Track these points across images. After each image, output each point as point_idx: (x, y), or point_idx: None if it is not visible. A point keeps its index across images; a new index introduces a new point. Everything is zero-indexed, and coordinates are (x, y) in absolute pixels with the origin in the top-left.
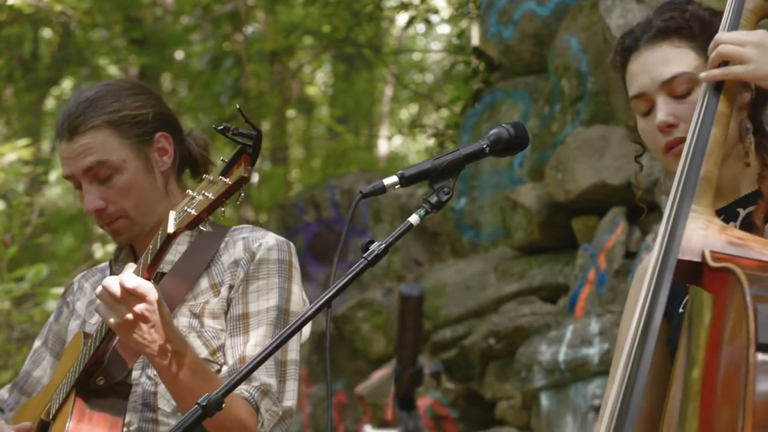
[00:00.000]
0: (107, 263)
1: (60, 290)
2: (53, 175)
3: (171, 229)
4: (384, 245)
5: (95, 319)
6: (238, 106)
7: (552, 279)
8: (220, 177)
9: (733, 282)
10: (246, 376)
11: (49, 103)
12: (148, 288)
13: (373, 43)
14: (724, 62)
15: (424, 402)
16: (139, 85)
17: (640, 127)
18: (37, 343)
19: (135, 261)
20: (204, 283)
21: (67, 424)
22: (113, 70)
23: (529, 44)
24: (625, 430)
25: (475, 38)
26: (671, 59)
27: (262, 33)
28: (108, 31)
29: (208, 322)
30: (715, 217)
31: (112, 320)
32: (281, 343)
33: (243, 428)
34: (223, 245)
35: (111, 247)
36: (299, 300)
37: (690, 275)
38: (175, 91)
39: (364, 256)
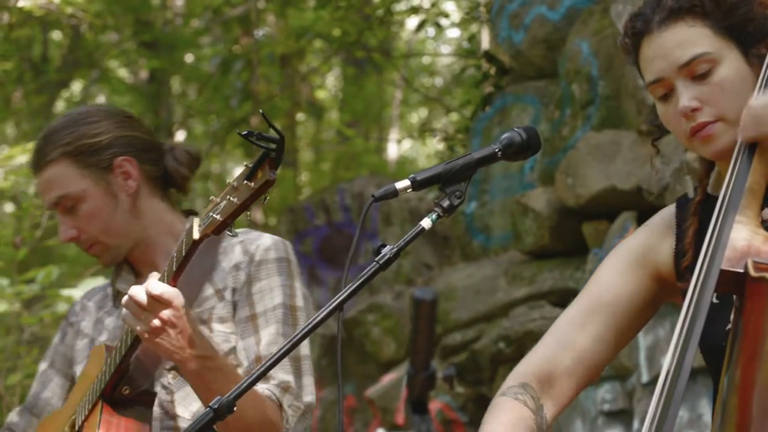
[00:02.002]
0: (108, 282)
1: (70, 292)
2: None
3: (197, 235)
4: (396, 249)
5: (104, 336)
6: (261, 111)
7: (562, 283)
8: (245, 181)
9: (762, 291)
10: (258, 378)
11: (59, 106)
12: (174, 294)
13: (383, 47)
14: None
15: (434, 406)
16: (102, 110)
17: (661, 112)
18: (43, 366)
19: (137, 276)
20: (208, 290)
21: None
22: (123, 72)
23: (539, 48)
24: None
25: (485, 42)
26: (687, 40)
27: (272, 36)
28: (118, 34)
29: (217, 326)
30: (760, 227)
31: (139, 328)
32: (293, 347)
33: (271, 426)
34: (221, 251)
35: None
36: (302, 295)
37: (733, 286)
38: (185, 94)
39: (376, 259)
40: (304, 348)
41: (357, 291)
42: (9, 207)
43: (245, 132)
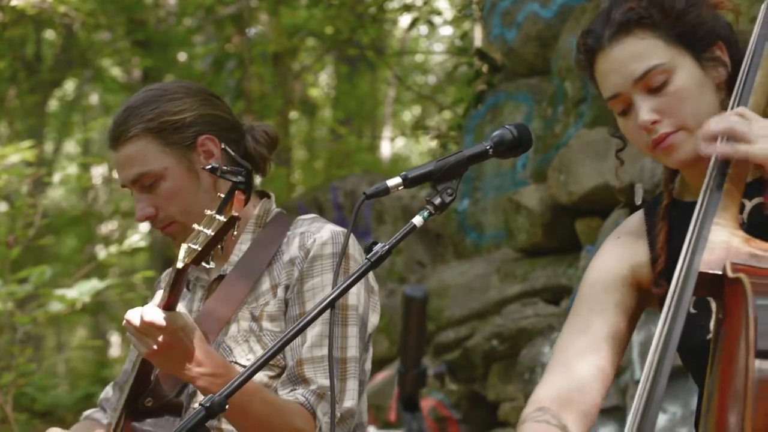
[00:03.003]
0: None
1: (62, 291)
2: (56, 177)
3: (180, 264)
4: (387, 247)
5: None
6: (223, 146)
7: (555, 281)
8: (215, 215)
9: (742, 291)
10: (248, 378)
11: (52, 105)
12: (167, 319)
13: (375, 45)
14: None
15: (427, 403)
16: (185, 87)
17: (622, 126)
18: (133, 354)
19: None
20: (265, 283)
21: None
22: (116, 71)
23: (532, 46)
24: None
25: (478, 40)
26: (640, 53)
27: (265, 35)
28: (111, 33)
29: (266, 325)
30: (739, 229)
31: (142, 350)
32: (281, 348)
33: None
34: (285, 240)
35: (114, 249)
36: (358, 291)
37: (712, 289)
38: None
39: (368, 257)
40: (353, 349)
41: (348, 289)
42: (2, 206)
43: (209, 166)
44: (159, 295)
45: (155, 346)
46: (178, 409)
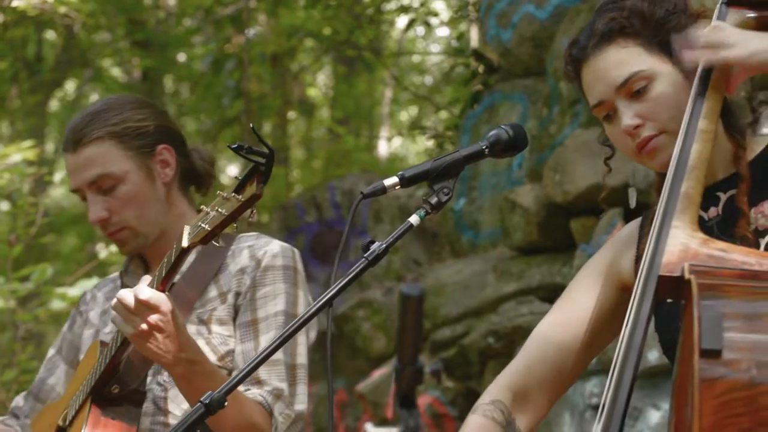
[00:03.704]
0: (118, 273)
1: (64, 290)
2: (57, 176)
3: (185, 243)
4: (385, 245)
5: (109, 328)
6: (251, 125)
7: (550, 279)
8: (233, 194)
9: (690, 292)
10: (247, 375)
11: (53, 105)
12: (162, 299)
13: (373, 46)
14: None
15: (423, 400)
16: (142, 99)
17: (608, 132)
18: (51, 352)
19: (146, 271)
20: (212, 291)
21: (83, 431)
22: (116, 72)
23: (527, 47)
24: None
25: (474, 41)
26: (621, 61)
27: (263, 35)
28: (111, 34)
29: (216, 328)
30: (697, 231)
31: (127, 330)
32: (283, 342)
33: (257, 431)
34: (229, 253)
35: (115, 248)
36: (305, 303)
37: (673, 291)
38: (178, 93)
39: (365, 255)
40: (302, 357)
41: (347, 287)
42: (4, 205)
43: (234, 145)
44: (145, 279)
45: (144, 327)
46: (140, 400)
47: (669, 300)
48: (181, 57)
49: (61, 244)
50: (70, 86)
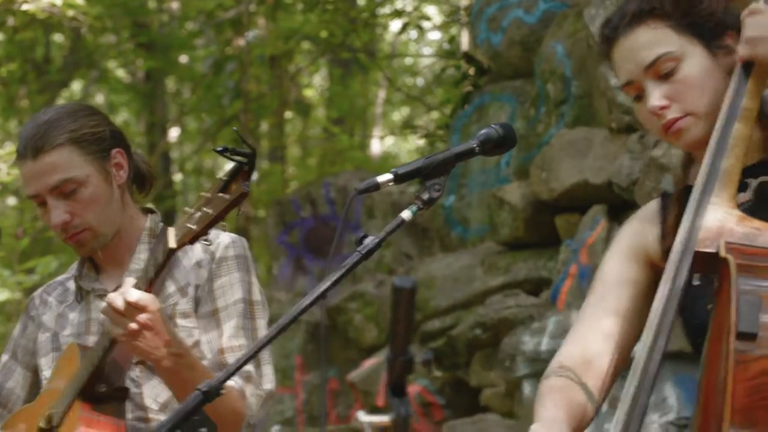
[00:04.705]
0: (69, 275)
1: None
2: None
3: (173, 244)
4: (377, 240)
5: (68, 330)
6: (234, 128)
7: (536, 273)
8: (219, 193)
9: (728, 272)
10: (245, 363)
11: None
12: (150, 299)
13: (367, 48)
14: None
15: (412, 389)
16: (90, 107)
17: (636, 111)
18: (4, 358)
19: (97, 273)
20: (170, 287)
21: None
22: (121, 73)
23: (516, 50)
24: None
25: (465, 44)
26: (650, 42)
27: (262, 38)
28: (116, 36)
29: (180, 321)
30: (735, 209)
31: (117, 332)
32: (280, 332)
33: (236, 413)
34: (181, 250)
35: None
36: (259, 290)
37: (708, 266)
38: (180, 93)
39: (358, 249)
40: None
41: (340, 280)
42: (11, 200)
43: (220, 148)
44: (128, 281)
45: (134, 327)
46: (124, 396)
47: (697, 283)
48: (184, 59)
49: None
50: (76, 86)
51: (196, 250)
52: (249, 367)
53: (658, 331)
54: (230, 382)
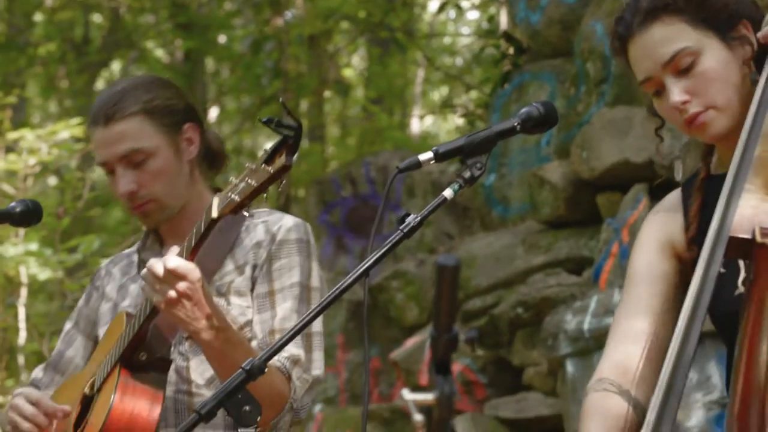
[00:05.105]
0: (135, 248)
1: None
2: None
3: (215, 214)
4: (419, 218)
5: (128, 301)
6: (281, 100)
7: (577, 252)
8: (263, 165)
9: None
10: (287, 343)
11: (100, 85)
12: (190, 268)
13: (406, 28)
14: None
15: (455, 368)
16: (166, 80)
17: (657, 106)
18: (68, 326)
19: (161, 246)
20: (229, 264)
21: (112, 397)
22: (160, 53)
23: (555, 29)
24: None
25: (504, 23)
26: (667, 38)
27: (301, 18)
28: (155, 16)
29: (234, 299)
30: None
31: (156, 298)
32: (322, 310)
33: (278, 394)
34: (243, 229)
35: None
36: (318, 275)
37: (742, 253)
38: (218, 73)
39: (400, 228)
40: (317, 325)
41: (382, 258)
42: (53, 180)
43: (265, 119)
44: (173, 249)
45: (173, 294)
46: (166, 367)
47: (722, 270)
48: (222, 39)
49: (106, 217)
50: (115, 67)
51: (258, 231)
52: (299, 351)
53: (692, 317)
54: (277, 364)
